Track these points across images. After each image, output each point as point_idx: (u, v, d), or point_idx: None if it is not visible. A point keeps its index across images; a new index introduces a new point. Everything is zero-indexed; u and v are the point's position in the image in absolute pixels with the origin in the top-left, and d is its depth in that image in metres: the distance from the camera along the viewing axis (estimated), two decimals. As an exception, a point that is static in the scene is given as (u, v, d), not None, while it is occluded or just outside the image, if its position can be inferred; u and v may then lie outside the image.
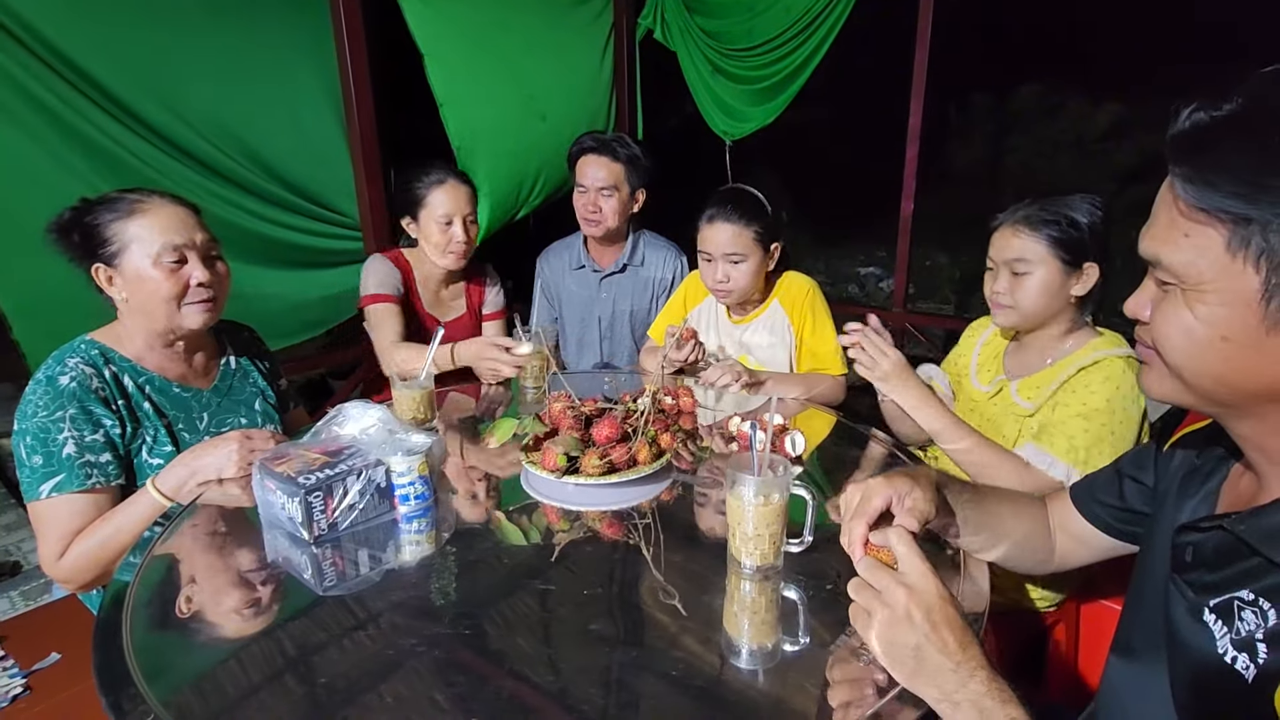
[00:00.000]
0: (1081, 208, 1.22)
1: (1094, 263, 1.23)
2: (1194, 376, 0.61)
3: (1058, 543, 0.95)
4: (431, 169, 1.90)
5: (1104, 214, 1.22)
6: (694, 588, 0.95)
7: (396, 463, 1.11)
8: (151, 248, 1.25)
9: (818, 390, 1.71)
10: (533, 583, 0.99)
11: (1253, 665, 0.56)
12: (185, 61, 2.06)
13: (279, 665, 0.83)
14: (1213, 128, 0.56)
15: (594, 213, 2.07)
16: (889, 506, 0.80)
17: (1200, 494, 0.71)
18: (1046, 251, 1.23)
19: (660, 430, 1.24)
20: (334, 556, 1.04)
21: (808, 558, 0.98)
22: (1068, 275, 1.24)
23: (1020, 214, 1.26)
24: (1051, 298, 1.25)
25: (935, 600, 0.67)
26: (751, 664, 0.83)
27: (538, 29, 2.98)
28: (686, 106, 3.63)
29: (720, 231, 1.69)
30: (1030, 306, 1.27)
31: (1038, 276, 1.24)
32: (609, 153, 2.03)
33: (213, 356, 1.44)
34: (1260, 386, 0.58)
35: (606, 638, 0.86)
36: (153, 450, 1.28)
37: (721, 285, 1.73)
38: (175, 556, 1.07)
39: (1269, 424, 0.61)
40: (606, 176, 2.03)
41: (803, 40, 3.13)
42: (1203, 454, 0.74)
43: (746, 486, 0.89)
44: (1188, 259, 0.58)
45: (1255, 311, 0.56)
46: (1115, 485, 0.87)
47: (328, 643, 0.86)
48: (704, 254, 1.75)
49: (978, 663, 0.65)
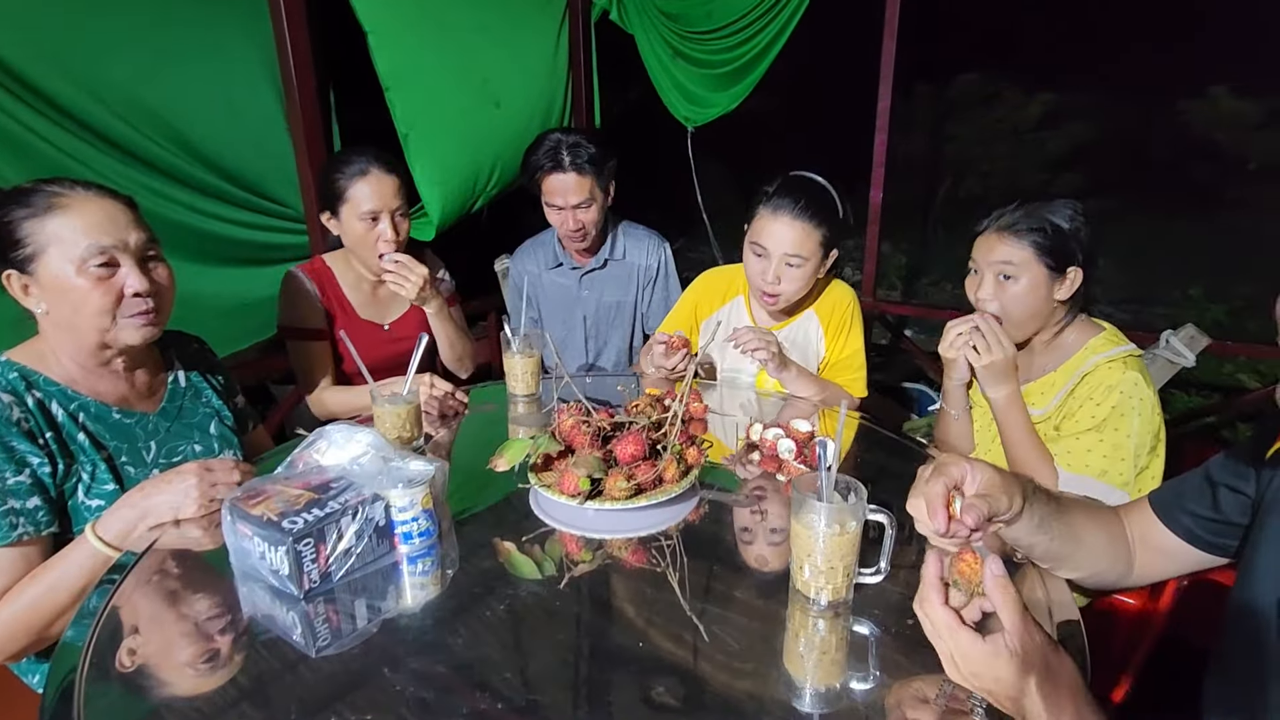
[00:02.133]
0: (1063, 213, 1.25)
1: (1077, 267, 1.26)
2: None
3: (1137, 556, 0.89)
4: (353, 158, 1.66)
5: (1085, 219, 1.25)
6: (743, 622, 0.86)
7: (396, 496, 0.96)
8: (74, 251, 1.04)
9: (830, 394, 1.62)
10: (557, 627, 0.87)
11: None
12: (102, 38, 1.80)
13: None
14: None
15: (577, 230, 1.94)
16: (962, 483, 0.72)
17: None
18: (1032, 257, 1.25)
19: (685, 444, 1.13)
20: (327, 610, 0.89)
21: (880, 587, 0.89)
22: (1053, 280, 1.26)
23: (1005, 220, 1.28)
24: (1038, 302, 1.27)
25: (1040, 668, 0.60)
26: (817, 707, 0.74)
27: (490, 9, 2.80)
28: (646, 90, 3.52)
29: (785, 228, 1.47)
30: (1018, 312, 1.28)
31: (1024, 282, 1.26)
32: (574, 168, 1.87)
33: (158, 374, 1.24)
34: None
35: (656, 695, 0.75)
36: (90, 490, 1.08)
37: (771, 287, 1.53)
38: (115, 606, 0.90)
39: None
40: (577, 191, 1.89)
41: (764, 25, 3.06)
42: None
43: (818, 514, 0.79)
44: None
45: None
46: (1208, 494, 0.81)
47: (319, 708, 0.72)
48: (756, 246, 1.53)
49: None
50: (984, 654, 0.61)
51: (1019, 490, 0.75)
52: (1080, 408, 1.24)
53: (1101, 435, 1.19)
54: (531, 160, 1.93)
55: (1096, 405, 1.21)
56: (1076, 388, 1.26)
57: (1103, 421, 1.20)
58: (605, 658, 0.83)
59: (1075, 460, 1.21)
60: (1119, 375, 1.21)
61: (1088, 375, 1.25)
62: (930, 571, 0.66)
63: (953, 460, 0.74)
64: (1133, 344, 1.27)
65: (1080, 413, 1.24)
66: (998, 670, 0.60)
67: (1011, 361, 1.27)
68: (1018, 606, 0.61)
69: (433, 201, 2.68)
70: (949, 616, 0.63)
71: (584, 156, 1.87)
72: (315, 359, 1.72)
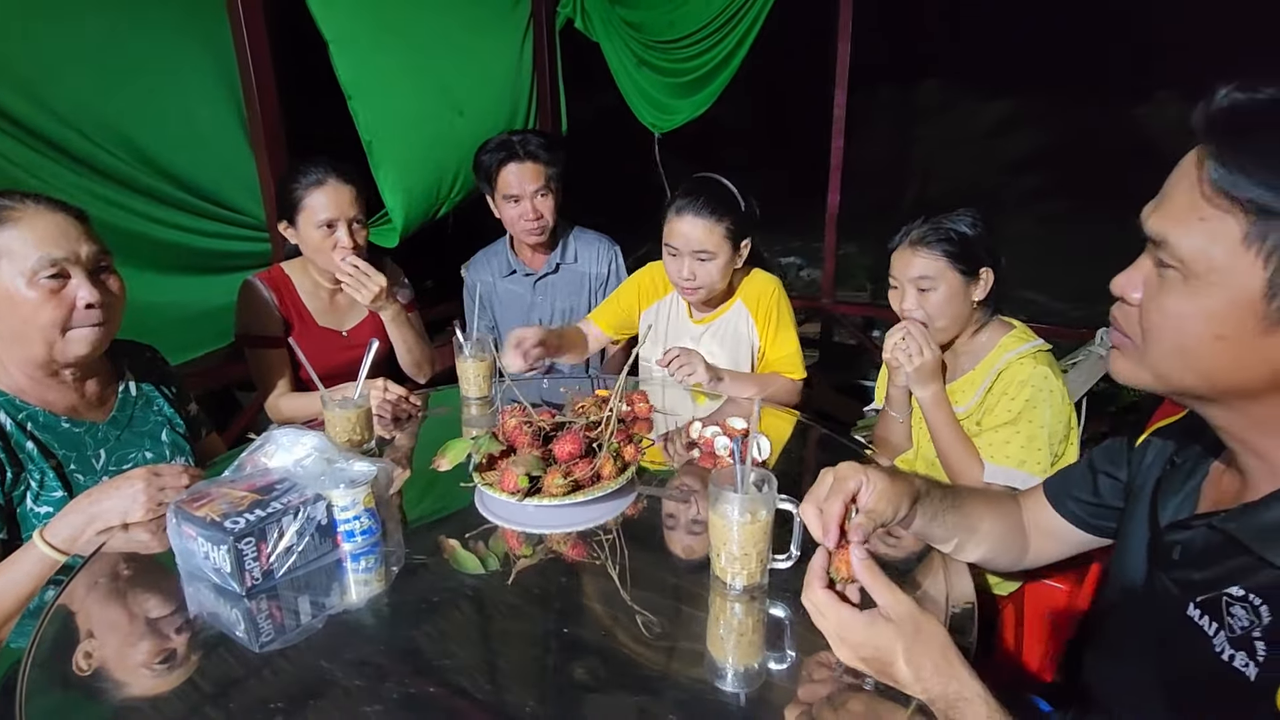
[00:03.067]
0: (964, 221, 1.33)
1: (988, 268, 1.34)
2: (1178, 372, 0.60)
3: (1032, 539, 0.96)
4: (309, 168, 1.69)
5: (984, 223, 1.34)
6: (673, 608, 0.91)
7: (339, 496, 1.00)
8: (25, 264, 1.07)
9: (772, 390, 1.69)
10: (499, 618, 0.92)
11: (1253, 664, 0.57)
12: (54, 49, 1.81)
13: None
14: (1255, 111, 0.54)
15: (536, 219, 1.98)
16: (859, 493, 0.78)
17: (1183, 492, 0.72)
18: (945, 266, 1.33)
19: (623, 442, 1.18)
20: (270, 607, 0.93)
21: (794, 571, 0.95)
22: (967, 284, 1.34)
23: (914, 234, 1.36)
24: (959, 306, 1.35)
25: (910, 633, 0.67)
26: (738, 686, 0.79)
27: (452, 17, 2.83)
28: (612, 96, 3.56)
29: (689, 226, 1.59)
30: (942, 318, 1.36)
31: (942, 290, 1.34)
32: (530, 156, 1.93)
33: (109, 383, 1.26)
34: (1240, 382, 0.58)
35: (588, 678, 0.80)
36: (40, 497, 1.11)
37: (688, 283, 1.65)
38: (69, 609, 0.92)
39: (1249, 417, 0.61)
40: (535, 178, 1.94)
41: (725, 34, 3.12)
42: (1181, 450, 0.75)
43: (731, 505, 0.85)
44: (1199, 245, 0.56)
45: (1256, 309, 0.54)
46: (1089, 480, 0.88)
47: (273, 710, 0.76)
48: (670, 248, 1.65)
49: (979, 687, 0.65)
50: (862, 623, 0.67)
51: (909, 496, 0.82)
52: (998, 403, 1.32)
53: (1018, 427, 1.27)
54: (484, 159, 1.97)
55: (1011, 400, 1.30)
56: (994, 384, 1.34)
57: (1018, 414, 1.28)
58: (539, 644, 0.87)
59: (996, 452, 1.29)
60: (1029, 370, 1.29)
61: (1002, 372, 1.33)
62: (815, 564, 0.73)
63: (850, 472, 0.79)
64: (1041, 339, 1.36)
65: (998, 408, 1.32)
66: (875, 638, 0.66)
67: (937, 363, 1.35)
68: (883, 581, 0.68)
69: (396, 208, 2.70)
70: (828, 595, 0.70)
71: (535, 144, 1.94)
72: (272, 366, 1.74)
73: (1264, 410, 0.60)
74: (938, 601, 0.90)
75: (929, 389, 1.36)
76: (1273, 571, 0.57)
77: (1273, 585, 0.57)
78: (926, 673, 0.65)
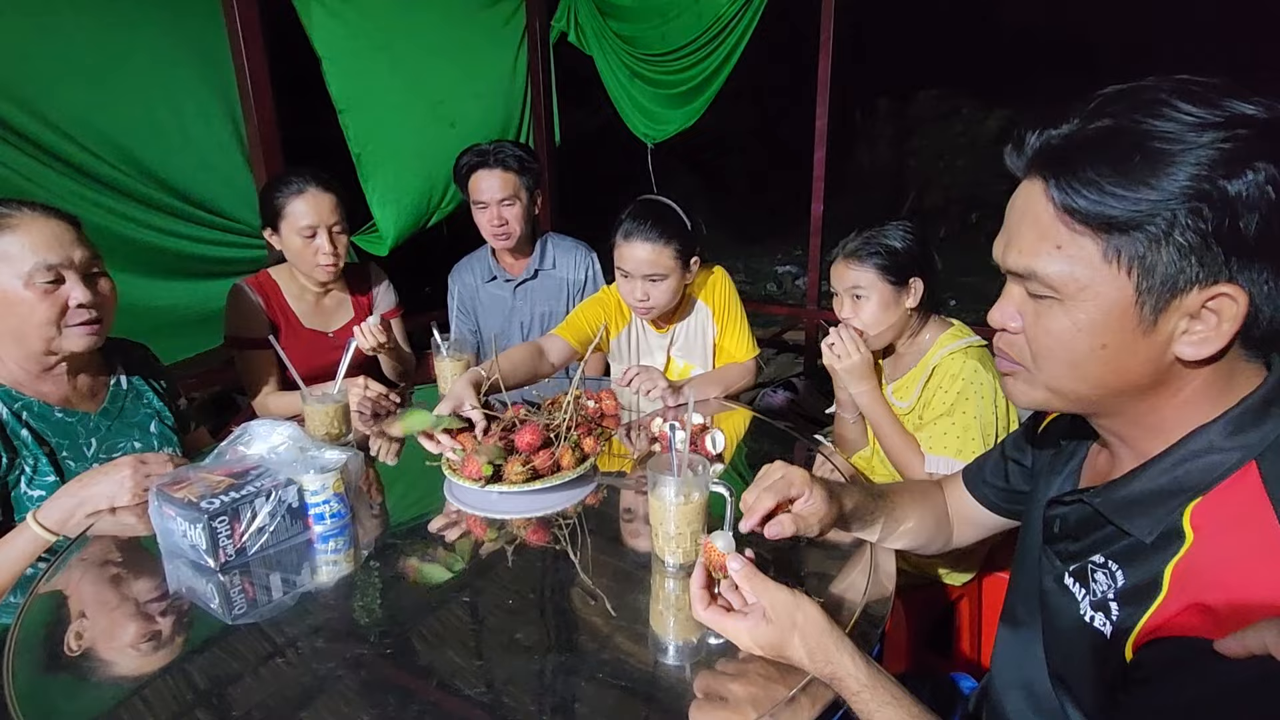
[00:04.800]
0: (895, 235, 1.40)
1: (917, 277, 1.41)
2: (1071, 383, 0.64)
3: (954, 526, 1.02)
4: (291, 177, 1.76)
5: (915, 235, 1.41)
6: (622, 588, 0.96)
7: (309, 481, 1.07)
8: (22, 267, 1.15)
9: (732, 378, 1.75)
10: (459, 594, 0.98)
11: (1109, 623, 0.62)
12: (50, 61, 1.89)
13: (189, 701, 0.79)
14: (1077, 144, 0.59)
15: (501, 225, 2.05)
16: (796, 500, 0.86)
17: (1065, 471, 0.78)
18: (875, 277, 1.40)
19: (583, 434, 1.25)
20: (243, 583, 1.00)
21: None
22: (898, 293, 1.41)
23: (849, 248, 1.43)
24: (891, 314, 1.42)
25: (788, 624, 0.75)
26: (679, 660, 0.85)
27: (445, 33, 2.91)
28: (606, 107, 3.65)
29: (638, 250, 1.61)
30: (875, 325, 1.43)
31: (874, 299, 1.41)
32: (499, 164, 2.00)
33: (100, 376, 1.34)
34: (1125, 384, 0.63)
35: (536, 644, 0.86)
36: (33, 481, 1.18)
37: (642, 303, 1.68)
38: (64, 593, 0.99)
39: (1126, 415, 0.66)
40: (502, 187, 2.01)
41: (715, 46, 3.19)
42: (1068, 434, 0.81)
43: (667, 487, 0.91)
44: (1065, 270, 0.60)
45: (1131, 315, 0.59)
46: (1001, 467, 0.94)
47: (242, 673, 0.82)
48: (621, 270, 1.68)
49: (850, 664, 0.72)
50: (746, 628, 0.76)
51: (837, 510, 0.90)
52: (934, 396, 1.40)
53: (952, 419, 1.35)
54: (460, 165, 2.06)
55: (945, 393, 1.38)
56: (929, 379, 1.42)
57: (951, 406, 1.35)
58: (495, 622, 0.92)
59: (935, 443, 1.36)
60: (960, 364, 1.37)
61: (937, 368, 1.41)
62: (694, 584, 0.81)
63: (798, 481, 0.87)
64: (976, 336, 1.43)
65: (934, 401, 1.39)
66: (760, 638, 0.75)
67: (865, 363, 1.43)
68: (760, 583, 0.77)
69: (385, 220, 2.79)
70: (714, 613, 0.78)
71: (507, 152, 2.02)
72: (260, 367, 1.81)
73: (1143, 406, 0.64)
74: (858, 593, 0.95)
75: (862, 386, 1.44)
76: (1128, 540, 0.63)
77: (1126, 551, 0.63)
78: (809, 656, 0.74)
